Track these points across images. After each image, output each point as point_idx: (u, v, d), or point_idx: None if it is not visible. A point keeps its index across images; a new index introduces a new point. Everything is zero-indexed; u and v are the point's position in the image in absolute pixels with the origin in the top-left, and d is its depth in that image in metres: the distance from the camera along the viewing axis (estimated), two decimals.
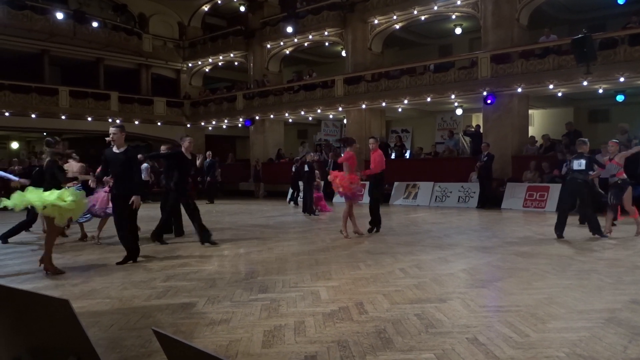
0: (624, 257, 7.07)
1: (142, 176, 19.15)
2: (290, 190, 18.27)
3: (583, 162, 8.81)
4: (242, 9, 25.42)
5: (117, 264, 6.98)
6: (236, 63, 26.77)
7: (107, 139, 7.45)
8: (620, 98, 17.43)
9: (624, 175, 9.21)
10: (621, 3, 16.80)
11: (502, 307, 4.64)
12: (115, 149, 7.10)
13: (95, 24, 22.95)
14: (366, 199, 10.89)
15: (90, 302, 5.08)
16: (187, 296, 5.24)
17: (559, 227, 8.96)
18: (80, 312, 4.52)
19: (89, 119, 22.85)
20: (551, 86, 15.65)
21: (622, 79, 14.31)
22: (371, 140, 10.03)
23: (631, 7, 16.42)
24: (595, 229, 8.93)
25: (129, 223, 7.13)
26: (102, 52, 24.55)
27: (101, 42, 23.69)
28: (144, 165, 20.14)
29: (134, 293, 5.41)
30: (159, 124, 25.60)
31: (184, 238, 9.74)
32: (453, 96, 17.80)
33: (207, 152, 17.72)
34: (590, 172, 9.04)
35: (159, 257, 7.64)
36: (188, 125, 26.75)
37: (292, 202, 17.71)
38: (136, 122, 24.61)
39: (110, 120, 23.21)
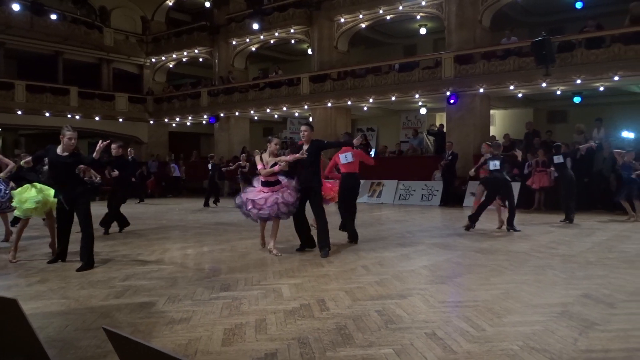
0: (577, 253, 7.30)
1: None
2: None
3: (497, 162, 9.68)
4: (207, 4, 25.10)
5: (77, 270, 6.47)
6: (201, 59, 26.46)
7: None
8: (577, 100, 18.00)
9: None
10: (579, 7, 17.36)
11: (461, 303, 4.74)
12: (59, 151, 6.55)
13: (53, 17, 22.29)
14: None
15: (45, 302, 4.94)
16: (146, 295, 5.15)
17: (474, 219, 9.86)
18: (34, 313, 4.42)
19: (47, 114, 22.20)
20: (512, 87, 16.03)
21: (578, 81, 14.78)
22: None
23: (588, 12, 16.98)
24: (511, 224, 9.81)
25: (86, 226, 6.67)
26: (61, 45, 23.87)
27: (60, 35, 23.04)
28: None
29: (91, 293, 5.29)
30: (120, 120, 25.08)
31: (147, 236, 9.61)
32: (417, 95, 18.03)
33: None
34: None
35: (119, 256, 7.50)
36: (151, 122, 26.30)
37: None
38: (97, 118, 24.07)
39: (69, 116, 22.64)
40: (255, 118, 24.58)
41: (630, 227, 10.29)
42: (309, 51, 22.33)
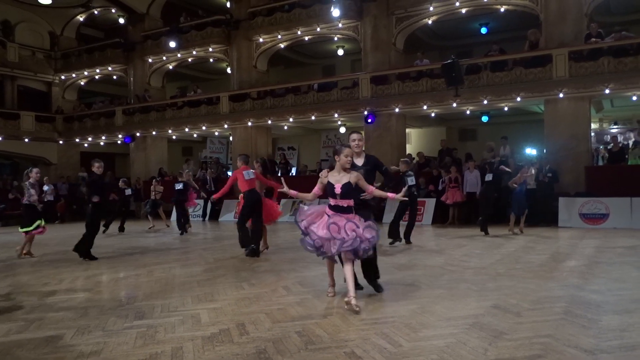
0: (488, 265, 7.69)
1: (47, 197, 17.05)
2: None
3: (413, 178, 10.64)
4: (122, 20, 24.32)
5: None
6: (115, 77, 25.52)
7: None
8: (485, 119, 19.17)
9: None
10: (484, 33, 18.58)
11: (379, 319, 4.82)
12: None
13: None
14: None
15: None
16: (53, 328, 4.83)
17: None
18: None
19: None
20: (425, 107, 16.75)
21: (485, 102, 15.71)
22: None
23: (492, 37, 18.22)
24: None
25: None
26: None
27: None
28: (47, 186, 18.29)
29: None
30: (26, 140, 23.57)
31: (55, 263, 9.05)
32: (336, 115, 18.39)
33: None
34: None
35: (23, 286, 6.99)
36: (61, 142, 24.93)
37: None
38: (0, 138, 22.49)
39: None
40: (174, 137, 23.99)
41: (534, 239, 10.99)
42: (228, 70, 22.18)
